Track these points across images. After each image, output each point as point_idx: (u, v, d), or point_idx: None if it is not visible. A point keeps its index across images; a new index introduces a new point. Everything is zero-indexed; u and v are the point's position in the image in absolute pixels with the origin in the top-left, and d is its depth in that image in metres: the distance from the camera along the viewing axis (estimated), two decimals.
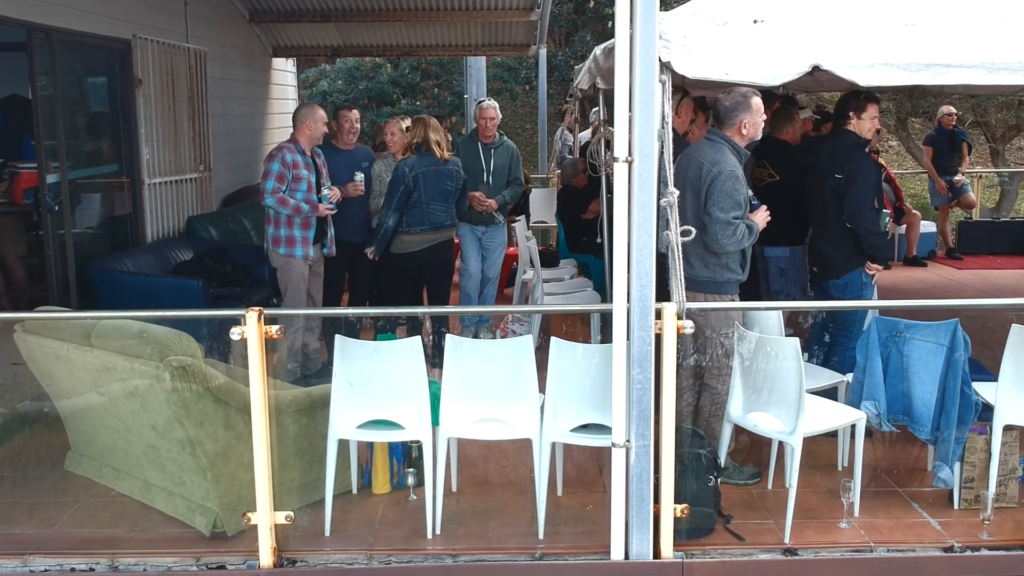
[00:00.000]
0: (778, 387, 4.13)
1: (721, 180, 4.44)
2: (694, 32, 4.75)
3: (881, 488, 4.63)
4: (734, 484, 4.61)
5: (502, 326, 7.15)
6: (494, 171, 6.95)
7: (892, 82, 4.78)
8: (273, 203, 5.99)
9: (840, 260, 5.23)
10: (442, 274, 6.35)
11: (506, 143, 7.11)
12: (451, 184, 6.24)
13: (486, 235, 7.08)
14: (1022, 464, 4.56)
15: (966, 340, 4.28)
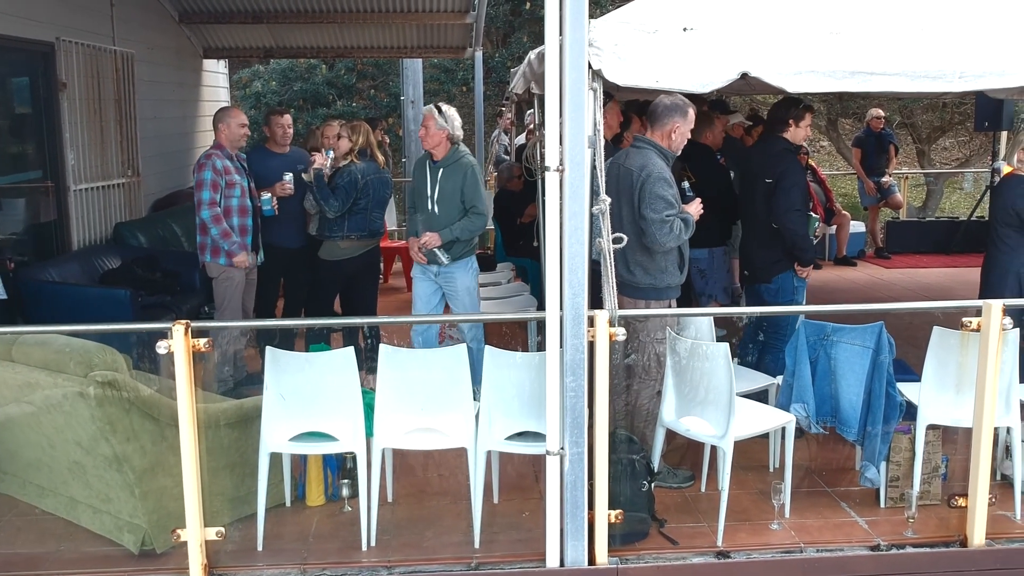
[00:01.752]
0: (709, 391, 4.18)
1: (651, 183, 4.49)
2: (625, 40, 4.78)
3: (812, 488, 4.71)
4: (668, 487, 4.66)
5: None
6: (439, 196, 5.57)
7: (818, 89, 4.88)
8: (208, 216, 5.87)
9: (770, 263, 5.33)
10: (371, 280, 6.28)
11: (461, 161, 5.59)
12: (388, 191, 6.18)
13: (440, 276, 5.69)
14: (944, 462, 4.70)
15: (891, 342, 4.38)
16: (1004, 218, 5.41)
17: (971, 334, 4.04)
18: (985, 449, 4.05)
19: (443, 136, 5.50)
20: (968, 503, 4.12)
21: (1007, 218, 5.39)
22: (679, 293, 4.75)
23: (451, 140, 5.55)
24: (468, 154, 5.65)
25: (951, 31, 4.83)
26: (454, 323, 6.09)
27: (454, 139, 5.57)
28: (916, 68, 4.79)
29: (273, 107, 7.42)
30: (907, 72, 4.78)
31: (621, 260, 4.71)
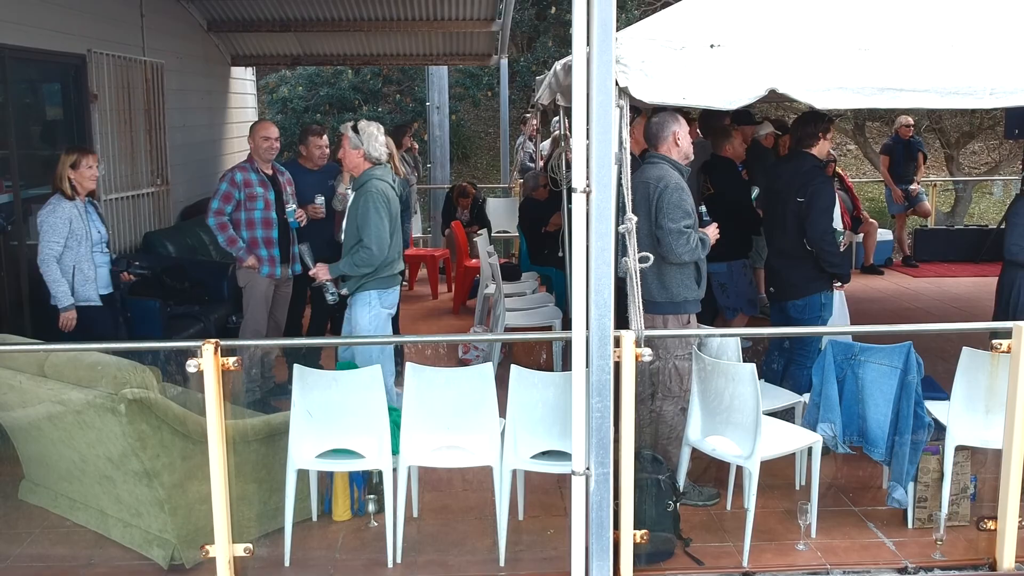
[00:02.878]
0: (735, 411, 4.17)
1: (668, 193, 4.50)
2: (651, 57, 4.78)
3: (838, 508, 4.69)
4: (693, 505, 4.66)
5: (464, 344, 7.15)
6: (346, 223, 5.21)
7: (847, 105, 4.86)
8: (214, 224, 5.98)
9: (800, 282, 5.30)
10: None
11: (365, 185, 5.05)
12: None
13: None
14: (973, 482, 4.66)
15: (919, 362, 4.35)
16: None
17: (1001, 355, 4.00)
18: (1015, 471, 4.01)
19: (359, 156, 5.07)
20: (997, 526, 4.08)
21: None
22: (699, 308, 4.74)
23: (369, 160, 5.09)
24: (378, 178, 5.08)
25: (982, 47, 4.79)
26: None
27: (372, 159, 5.09)
28: (946, 85, 4.76)
29: (310, 125, 7.37)
30: (937, 88, 4.75)
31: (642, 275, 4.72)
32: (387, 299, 5.19)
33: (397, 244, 5.25)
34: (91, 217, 5.53)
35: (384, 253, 5.03)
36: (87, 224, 5.44)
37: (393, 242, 5.14)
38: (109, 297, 5.59)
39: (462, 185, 10.74)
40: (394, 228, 5.16)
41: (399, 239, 5.31)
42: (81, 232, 5.37)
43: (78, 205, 5.42)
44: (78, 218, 5.38)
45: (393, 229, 5.14)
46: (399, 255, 5.34)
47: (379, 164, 5.14)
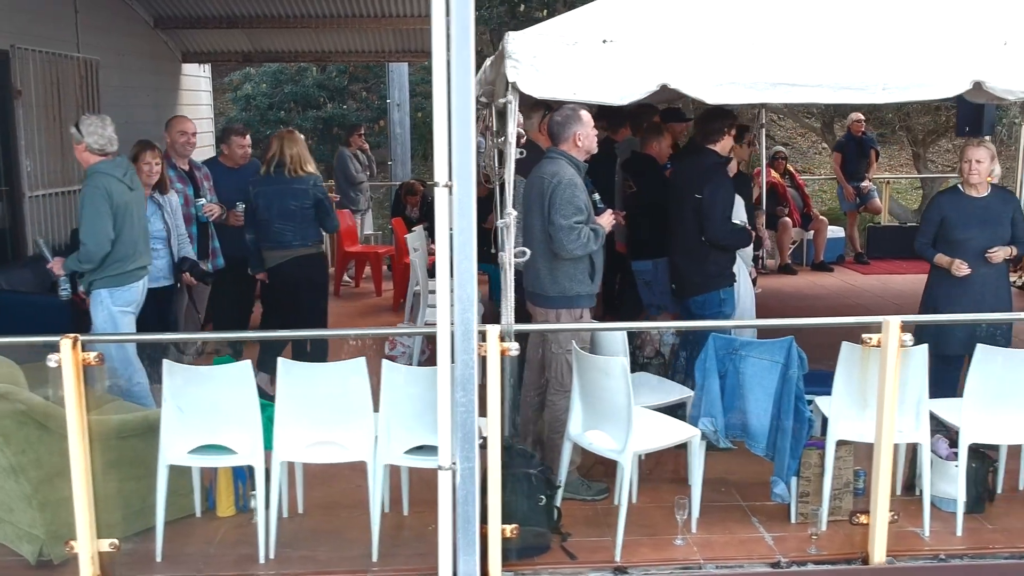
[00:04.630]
0: (610, 405, 4.17)
1: (561, 189, 4.49)
2: (543, 52, 4.77)
3: (728, 503, 4.69)
4: (581, 500, 4.65)
5: (390, 339, 7.14)
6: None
7: (740, 100, 4.86)
8: None
9: (699, 279, 5.31)
10: (305, 294, 6.09)
11: (85, 183, 5.05)
12: (295, 203, 5.96)
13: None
14: (861, 477, 4.67)
15: (801, 356, 4.35)
16: None
17: (872, 349, 4.00)
18: (885, 465, 4.02)
19: (83, 151, 5.02)
20: (870, 520, 4.08)
21: None
22: (593, 302, 4.74)
23: (93, 152, 5.00)
24: (101, 172, 4.99)
25: (875, 43, 4.80)
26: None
27: (96, 150, 5.00)
28: (839, 80, 4.76)
29: (233, 124, 7.40)
30: (830, 84, 4.76)
31: (532, 269, 4.72)
32: (121, 297, 5.05)
33: (132, 240, 5.09)
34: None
35: (102, 249, 4.92)
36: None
37: (123, 238, 5.01)
38: None
39: (410, 183, 10.73)
40: (123, 223, 5.01)
41: (138, 235, 5.15)
42: None
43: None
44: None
45: (122, 224, 5.00)
46: (139, 252, 5.17)
47: (106, 157, 5.06)
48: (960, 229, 5.31)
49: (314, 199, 5.94)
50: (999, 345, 4.73)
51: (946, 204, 5.44)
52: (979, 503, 4.56)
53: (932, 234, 5.43)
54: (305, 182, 5.94)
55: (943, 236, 5.38)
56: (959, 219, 5.31)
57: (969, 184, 5.32)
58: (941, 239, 5.39)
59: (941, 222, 5.37)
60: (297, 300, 5.92)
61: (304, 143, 6.12)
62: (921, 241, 5.49)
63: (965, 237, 5.30)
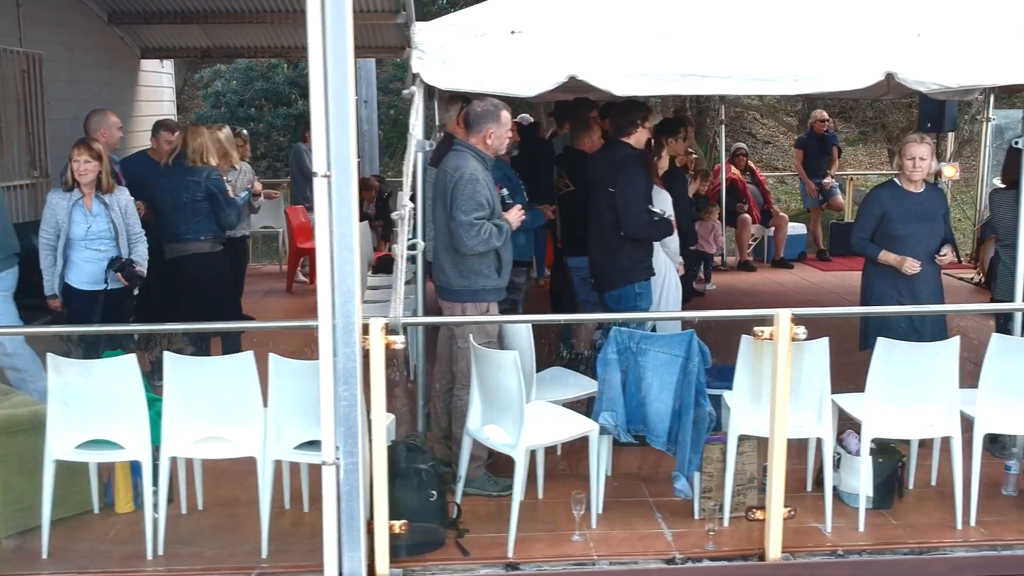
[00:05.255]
0: (504, 400, 4.12)
1: (463, 184, 4.43)
2: (450, 43, 4.73)
3: (634, 498, 4.64)
4: (487, 495, 4.60)
5: None
6: None
7: (648, 92, 4.84)
8: None
9: (614, 273, 5.26)
10: (208, 290, 6.02)
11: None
12: (187, 195, 5.91)
13: None
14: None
15: (703, 350, 4.31)
16: None
17: (765, 342, 3.95)
18: (779, 460, 3.97)
19: None
20: (766, 515, 4.03)
21: None
22: (500, 296, 4.67)
23: None
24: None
25: (787, 35, 4.77)
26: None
27: None
28: (750, 71, 4.73)
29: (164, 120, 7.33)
30: (740, 75, 4.73)
31: (437, 262, 4.67)
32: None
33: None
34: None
35: None
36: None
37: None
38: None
39: (364, 178, 10.69)
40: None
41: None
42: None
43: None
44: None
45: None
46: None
47: None
48: (901, 224, 5.16)
49: (206, 191, 5.84)
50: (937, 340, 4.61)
51: (886, 199, 5.25)
52: (887, 499, 4.52)
53: (872, 229, 5.26)
54: (198, 174, 5.85)
55: (883, 231, 5.21)
56: (900, 214, 5.16)
57: (911, 181, 5.21)
58: (881, 234, 5.22)
59: (881, 217, 5.22)
60: (200, 297, 5.82)
61: (211, 136, 6.05)
62: (860, 236, 5.31)
63: (907, 233, 5.16)
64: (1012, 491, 4.64)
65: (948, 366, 4.21)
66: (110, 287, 5.60)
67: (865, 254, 5.31)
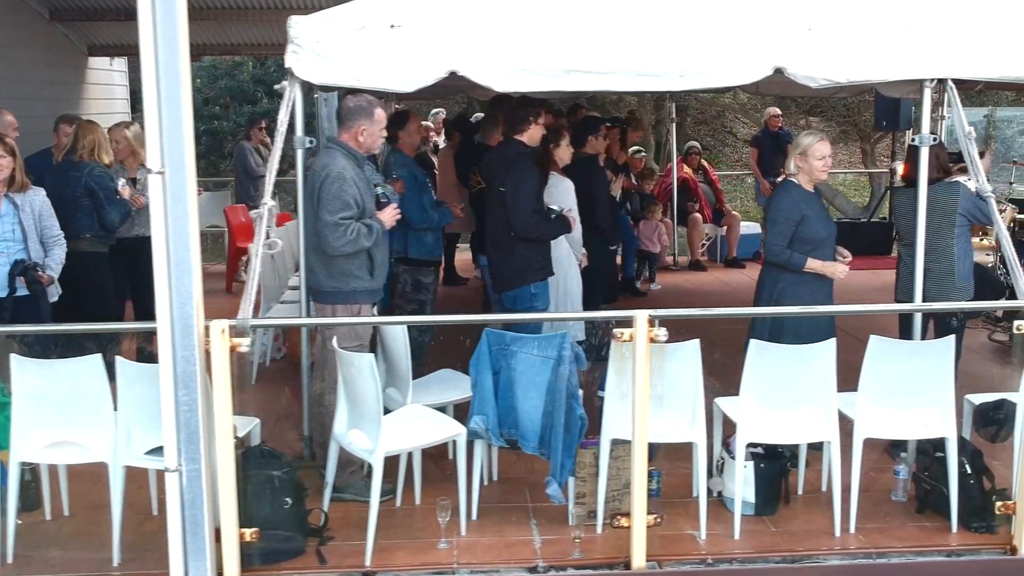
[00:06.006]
0: (364, 403, 4.01)
1: (328, 183, 4.31)
2: (327, 36, 4.62)
3: (512, 503, 4.52)
4: (364, 501, 4.47)
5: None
6: None
7: (531, 88, 4.72)
8: None
9: (509, 273, 5.15)
10: (86, 287, 5.78)
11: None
12: (67, 190, 5.75)
13: None
14: (656, 478, 4.51)
15: (577, 353, 4.20)
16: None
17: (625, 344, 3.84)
18: (639, 465, 3.86)
19: None
20: (631, 523, 3.92)
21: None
22: (373, 298, 4.56)
23: None
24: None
25: (675, 30, 4.66)
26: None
27: None
28: (636, 67, 4.63)
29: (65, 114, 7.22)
30: (626, 70, 4.63)
31: (307, 263, 4.56)
32: None
33: None
34: None
35: None
36: None
37: None
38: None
39: None
40: None
41: None
42: None
43: None
44: None
45: None
46: None
47: None
48: (819, 226, 4.86)
49: (86, 188, 5.70)
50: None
51: (801, 202, 4.86)
52: (770, 505, 4.41)
53: (790, 236, 4.82)
54: (80, 170, 5.71)
55: (801, 236, 4.81)
56: (816, 216, 4.87)
57: (818, 180, 4.96)
58: (799, 240, 4.82)
59: (800, 221, 4.82)
60: (78, 295, 5.65)
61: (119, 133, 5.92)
62: (781, 245, 4.82)
63: (825, 235, 4.88)
64: (901, 496, 4.52)
65: (824, 369, 4.10)
66: (18, 293, 5.42)
67: (791, 264, 4.83)
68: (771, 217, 4.98)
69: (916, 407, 4.19)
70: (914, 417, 4.21)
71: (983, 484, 4.27)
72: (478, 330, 4.31)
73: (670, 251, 10.82)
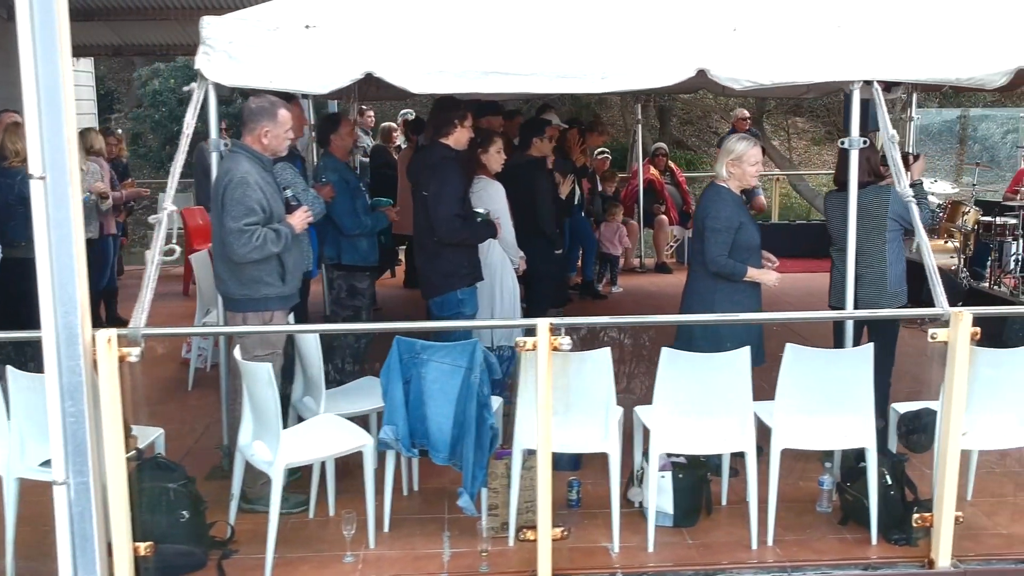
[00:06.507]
0: (264, 414, 3.91)
1: (231, 188, 4.18)
2: (240, 38, 4.53)
3: (429, 515, 4.43)
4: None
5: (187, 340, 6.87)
6: None
7: (448, 89, 4.65)
8: None
9: (436, 279, 5.04)
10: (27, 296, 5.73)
11: None
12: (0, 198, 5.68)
13: None
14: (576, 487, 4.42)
15: (490, 362, 4.10)
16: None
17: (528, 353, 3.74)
18: (544, 476, 3.76)
19: None
20: (538, 535, 3.82)
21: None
22: (286, 304, 4.43)
23: None
24: None
25: (597, 31, 4.58)
26: None
27: None
28: (556, 68, 4.54)
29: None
30: (547, 72, 4.55)
31: (216, 270, 4.46)
32: None
33: None
34: None
35: None
36: None
37: None
38: None
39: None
40: None
41: None
42: None
43: None
44: None
45: None
46: None
47: None
48: (754, 232, 4.73)
49: (19, 195, 5.60)
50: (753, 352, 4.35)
51: (736, 207, 4.71)
52: (690, 516, 4.31)
53: (730, 244, 4.65)
54: (12, 176, 5.62)
55: (740, 243, 4.66)
56: (749, 221, 4.75)
57: (748, 185, 4.88)
58: (737, 247, 4.66)
59: (738, 228, 4.66)
60: (11, 308, 5.54)
61: None
62: (724, 255, 4.62)
63: (759, 240, 4.76)
64: (826, 507, 4.43)
65: (738, 377, 4.00)
66: None
67: (735, 274, 4.63)
68: (711, 226, 4.74)
69: (835, 416, 4.10)
70: (833, 427, 4.12)
71: (905, 495, 4.19)
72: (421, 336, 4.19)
73: (636, 253, 10.74)
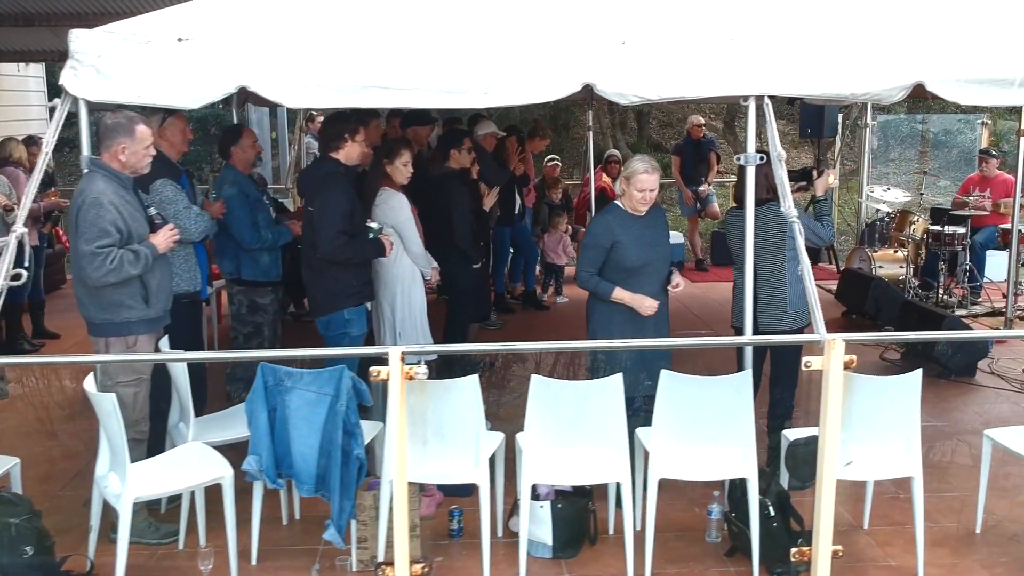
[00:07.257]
0: (113, 446, 3.76)
1: (84, 210, 4.02)
2: (110, 51, 4.38)
3: (306, 545, 4.29)
4: (146, 544, 4.24)
5: None
6: None
7: (326, 104, 4.54)
8: None
9: (323, 298, 4.89)
10: None
11: None
12: None
13: None
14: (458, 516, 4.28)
15: (359, 389, 3.95)
16: None
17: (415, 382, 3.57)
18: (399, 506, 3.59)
19: None
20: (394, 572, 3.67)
21: None
22: (151, 328, 4.25)
23: None
24: None
25: (480, 46, 4.44)
26: None
27: None
28: (439, 83, 4.41)
29: None
30: (428, 87, 4.41)
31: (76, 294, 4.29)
32: None
33: None
34: None
35: None
36: None
37: None
38: None
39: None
40: None
41: None
42: None
43: None
44: None
45: None
46: None
47: None
48: (636, 254, 4.57)
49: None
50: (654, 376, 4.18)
51: (616, 227, 4.60)
52: (571, 546, 4.17)
53: (600, 263, 4.59)
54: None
55: (614, 263, 4.57)
56: (631, 242, 4.58)
57: (634, 210, 4.65)
58: (613, 267, 4.58)
59: (611, 247, 4.57)
60: None
61: None
62: (589, 272, 4.59)
63: (642, 263, 4.61)
64: (715, 538, 4.29)
65: (611, 405, 3.86)
66: None
67: (597, 292, 4.61)
68: (583, 241, 4.71)
69: (714, 446, 3.96)
70: (712, 456, 3.98)
71: (790, 527, 4.05)
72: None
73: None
